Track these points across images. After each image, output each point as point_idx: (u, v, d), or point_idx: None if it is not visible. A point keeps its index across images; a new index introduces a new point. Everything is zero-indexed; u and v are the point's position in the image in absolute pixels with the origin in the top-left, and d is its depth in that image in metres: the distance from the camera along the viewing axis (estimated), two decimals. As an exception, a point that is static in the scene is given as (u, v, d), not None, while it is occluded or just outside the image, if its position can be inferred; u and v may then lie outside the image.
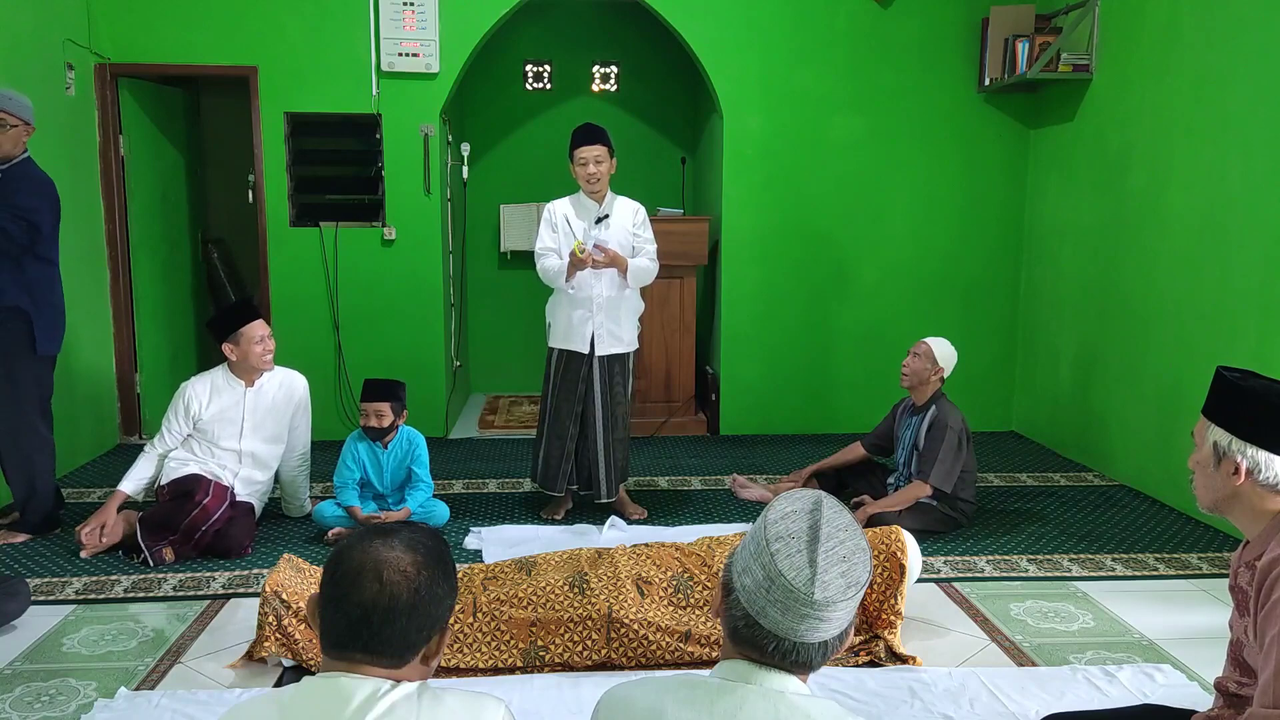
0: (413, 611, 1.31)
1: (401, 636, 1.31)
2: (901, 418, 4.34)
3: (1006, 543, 4.03)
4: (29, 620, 3.16)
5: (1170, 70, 4.53)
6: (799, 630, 1.32)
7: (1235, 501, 1.91)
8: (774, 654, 1.33)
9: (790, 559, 1.31)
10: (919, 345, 4.22)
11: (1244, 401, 1.88)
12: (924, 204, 5.86)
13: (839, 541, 1.34)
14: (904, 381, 4.23)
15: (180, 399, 3.98)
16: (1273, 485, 1.86)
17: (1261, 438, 1.85)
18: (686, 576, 3.07)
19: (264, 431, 4.05)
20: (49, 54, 4.84)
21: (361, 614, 1.29)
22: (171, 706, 2.61)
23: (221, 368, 4.06)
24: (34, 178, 3.85)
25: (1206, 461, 1.93)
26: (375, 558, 1.31)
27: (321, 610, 1.33)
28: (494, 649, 2.88)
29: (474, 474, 5.05)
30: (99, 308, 5.33)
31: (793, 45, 5.68)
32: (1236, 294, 4.10)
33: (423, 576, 1.33)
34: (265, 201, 5.56)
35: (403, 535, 1.36)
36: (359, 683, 1.29)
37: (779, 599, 1.31)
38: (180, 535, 3.73)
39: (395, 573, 1.31)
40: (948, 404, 4.15)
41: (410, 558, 1.33)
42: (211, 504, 3.75)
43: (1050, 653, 3.04)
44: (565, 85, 7.00)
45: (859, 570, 1.34)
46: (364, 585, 1.29)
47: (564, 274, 4.10)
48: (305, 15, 5.41)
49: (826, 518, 1.35)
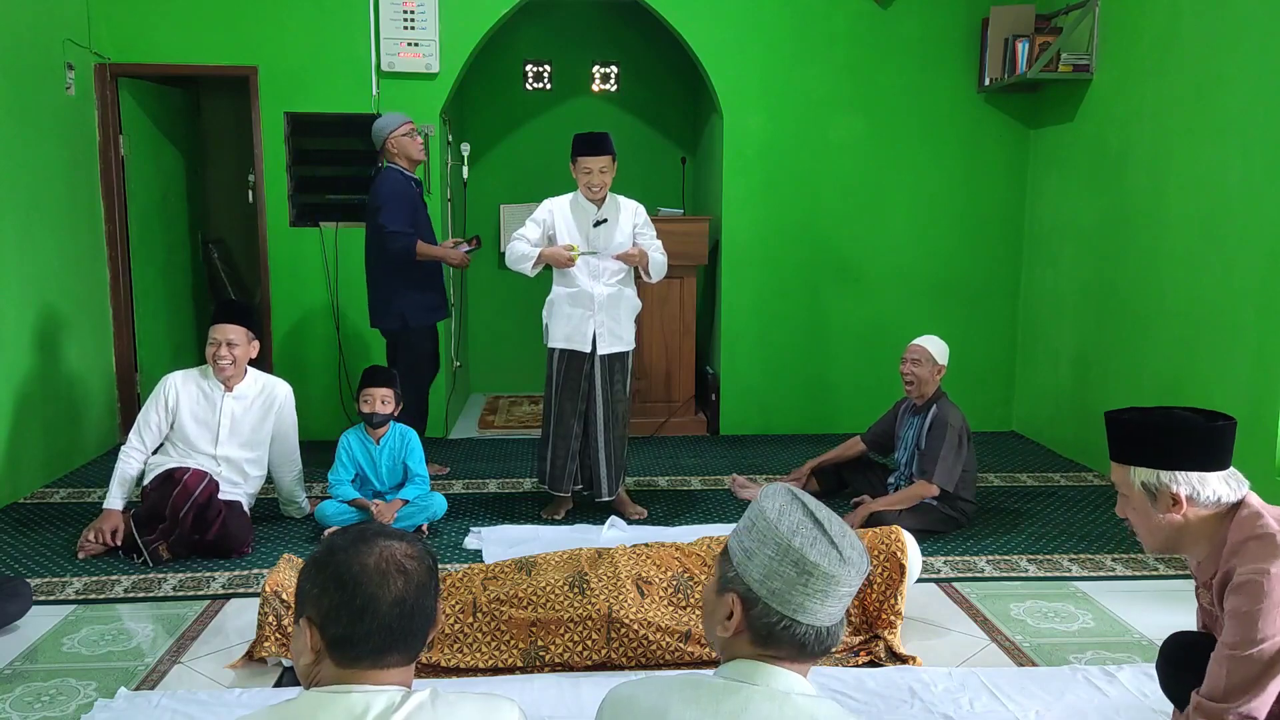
0: (430, 596, 1.32)
1: (425, 625, 1.31)
2: (903, 417, 4.34)
3: (1006, 543, 4.03)
4: (29, 620, 3.16)
5: (1170, 70, 4.53)
6: (834, 613, 1.37)
7: (1184, 533, 1.92)
8: (814, 645, 1.37)
9: (815, 547, 1.35)
10: (913, 351, 4.20)
11: (1152, 434, 1.88)
12: (924, 204, 5.86)
13: (828, 515, 1.41)
14: (910, 390, 4.22)
15: (161, 389, 3.94)
16: (1213, 502, 1.88)
17: (1182, 461, 1.86)
18: (686, 576, 3.07)
19: (240, 438, 4.00)
20: (49, 54, 4.84)
21: (400, 613, 1.27)
22: (171, 706, 2.61)
23: (204, 368, 4.02)
24: None
25: (1141, 504, 1.93)
26: (387, 555, 1.29)
27: (342, 624, 1.28)
28: (494, 649, 2.88)
29: (474, 474, 5.05)
30: (99, 308, 5.33)
31: (793, 45, 5.68)
32: (1236, 294, 4.10)
33: (425, 559, 1.34)
34: (265, 201, 5.56)
35: (379, 528, 1.36)
36: (372, 695, 1.26)
37: (818, 588, 1.34)
38: (167, 522, 3.70)
39: (409, 560, 1.30)
40: (948, 403, 4.16)
41: (405, 545, 1.33)
42: (191, 480, 3.71)
43: (1050, 653, 3.04)
44: (565, 85, 7.00)
45: (854, 534, 1.41)
46: (390, 583, 1.27)
47: (532, 261, 4.13)
48: (305, 15, 5.41)
49: (808, 501, 1.42)
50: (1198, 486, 1.87)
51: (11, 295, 4.46)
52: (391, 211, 4.50)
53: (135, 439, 3.93)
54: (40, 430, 4.69)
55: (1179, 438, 1.87)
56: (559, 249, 4.12)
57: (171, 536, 3.71)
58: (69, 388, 4.96)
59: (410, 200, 4.60)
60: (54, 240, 4.83)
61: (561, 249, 4.12)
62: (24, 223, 4.55)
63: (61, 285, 4.89)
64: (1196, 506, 1.88)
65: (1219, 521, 1.90)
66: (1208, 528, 1.91)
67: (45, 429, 4.73)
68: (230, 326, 3.94)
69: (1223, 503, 1.90)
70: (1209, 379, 4.26)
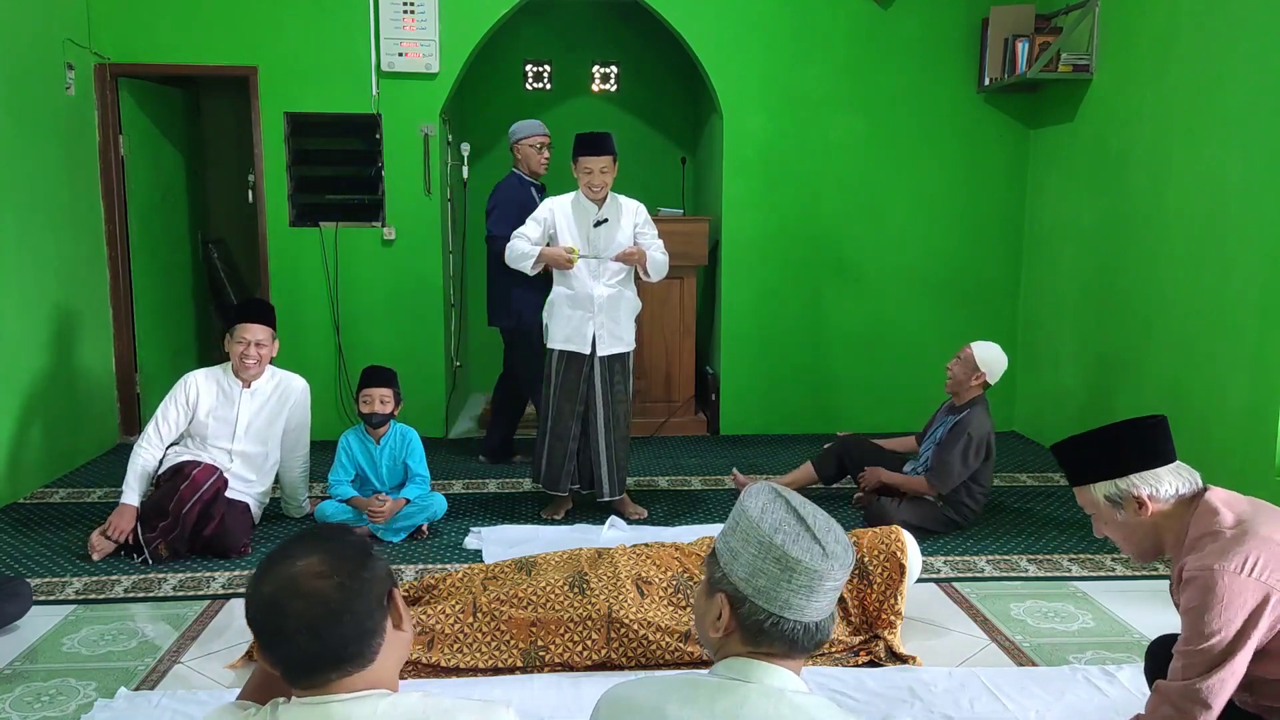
0: (352, 601, 1.25)
1: (356, 631, 1.26)
2: (940, 413, 4.35)
3: (1006, 543, 4.03)
4: (29, 620, 3.16)
5: (1170, 70, 4.53)
6: (821, 607, 1.37)
7: (1160, 533, 2.00)
8: (804, 640, 1.37)
9: (798, 543, 1.35)
10: (964, 350, 4.21)
11: (1095, 450, 2.01)
12: (924, 204, 5.86)
13: (813, 512, 1.41)
14: (948, 386, 4.23)
15: (182, 387, 3.96)
16: (1172, 496, 1.97)
17: (1130, 465, 1.98)
18: (686, 576, 3.07)
19: (256, 434, 4.03)
20: (49, 54, 4.84)
21: (308, 634, 1.23)
22: (171, 706, 2.61)
23: (224, 365, 4.06)
24: None
25: (1111, 518, 2.02)
26: (281, 580, 1.25)
27: (270, 657, 1.28)
28: (494, 649, 2.88)
29: (474, 474, 5.05)
30: (99, 308, 5.33)
31: (793, 45, 5.68)
32: (1237, 294, 4.10)
33: (338, 564, 1.27)
34: (265, 202, 5.56)
35: (291, 547, 1.30)
36: (351, 704, 1.25)
37: (802, 584, 1.34)
38: (170, 517, 3.69)
39: (311, 579, 1.25)
40: (982, 412, 4.13)
41: (312, 558, 1.27)
42: (200, 475, 3.72)
43: (1050, 653, 3.04)
44: (565, 85, 7.00)
45: (839, 529, 1.42)
46: (289, 609, 1.23)
47: (532, 260, 4.15)
48: (305, 15, 5.41)
49: (791, 498, 1.42)
50: (1153, 484, 1.97)
51: (11, 295, 4.46)
52: (498, 216, 4.79)
53: (153, 434, 3.92)
54: (40, 430, 4.69)
55: (1119, 445, 2.00)
56: (558, 250, 4.12)
57: (172, 534, 3.71)
58: (69, 388, 4.96)
59: (519, 206, 4.74)
60: (54, 240, 4.83)
61: (561, 250, 4.12)
62: (24, 223, 4.55)
63: (61, 285, 4.89)
64: (1159, 503, 1.97)
65: (1182, 517, 1.98)
66: (1174, 524, 1.99)
67: (45, 429, 4.73)
68: (258, 327, 3.98)
69: (1181, 494, 1.98)
70: (1209, 379, 4.26)
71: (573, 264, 4.12)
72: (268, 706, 1.29)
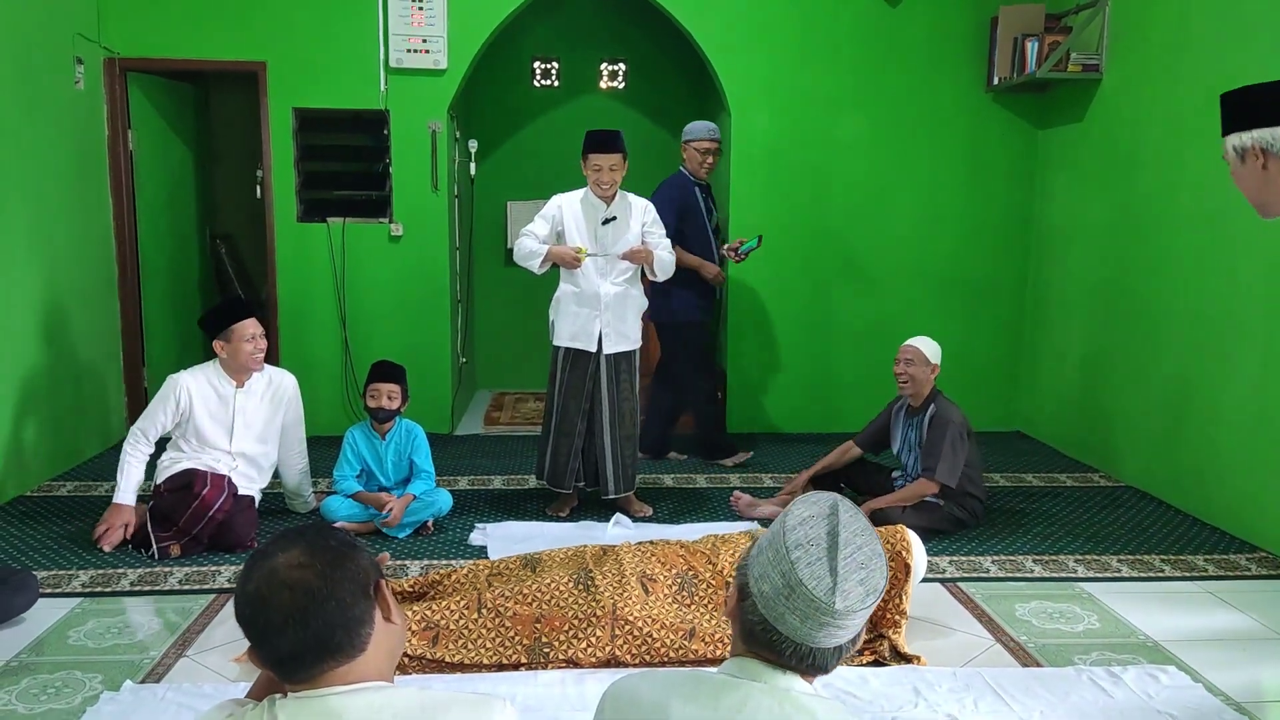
0: (335, 587, 1.27)
1: (342, 618, 1.27)
2: (898, 418, 4.32)
3: (1012, 543, 4.02)
4: (35, 613, 3.17)
5: (1181, 70, 4.51)
6: (816, 637, 1.32)
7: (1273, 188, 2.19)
8: (791, 657, 1.34)
9: (811, 567, 1.31)
10: (906, 351, 4.19)
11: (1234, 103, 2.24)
12: (931, 203, 5.85)
13: (857, 547, 1.33)
14: (905, 389, 4.21)
15: (170, 390, 3.90)
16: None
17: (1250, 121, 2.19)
18: (691, 574, 3.08)
19: (254, 432, 4.02)
20: (58, 48, 4.86)
21: (296, 624, 1.24)
22: (177, 699, 2.62)
23: (214, 364, 4.02)
24: None
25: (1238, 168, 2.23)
26: (266, 574, 1.27)
27: (261, 653, 1.29)
28: (499, 645, 2.88)
29: (479, 470, 5.05)
30: (107, 302, 5.35)
31: (801, 44, 5.67)
32: (1245, 295, 4.08)
33: (318, 554, 1.28)
34: (273, 197, 5.57)
35: (271, 545, 1.32)
36: (347, 698, 1.26)
37: (799, 607, 1.31)
38: (183, 530, 3.72)
39: (292, 570, 1.26)
40: (946, 401, 4.15)
41: (294, 551, 1.28)
42: (211, 494, 3.72)
43: (1055, 653, 3.04)
44: (573, 83, 7.01)
45: (876, 577, 1.34)
46: (274, 601, 1.25)
47: (539, 258, 4.12)
48: (314, 11, 5.42)
49: (844, 522, 1.35)
50: (1269, 139, 2.15)
51: (20, 289, 4.47)
52: None
53: (141, 438, 3.89)
54: (48, 423, 4.70)
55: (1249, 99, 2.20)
56: (566, 249, 4.12)
57: (184, 540, 3.74)
58: (76, 381, 4.98)
59: (675, 205, 4.89)
60: (62, 234, 4.84)
61: (569, 249, 4.11)
62: (33, 217, 4.56)
63: (69, 279, 4.90)
64: (1274, 157, 2.16)
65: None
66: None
67: (53, 422, 4.75)
68: (251, 321, 3.98)
69: None
70: (1217, 379, 4.25)
71: (580, 263, 4.12)
72: (265, 702, 1.30)
